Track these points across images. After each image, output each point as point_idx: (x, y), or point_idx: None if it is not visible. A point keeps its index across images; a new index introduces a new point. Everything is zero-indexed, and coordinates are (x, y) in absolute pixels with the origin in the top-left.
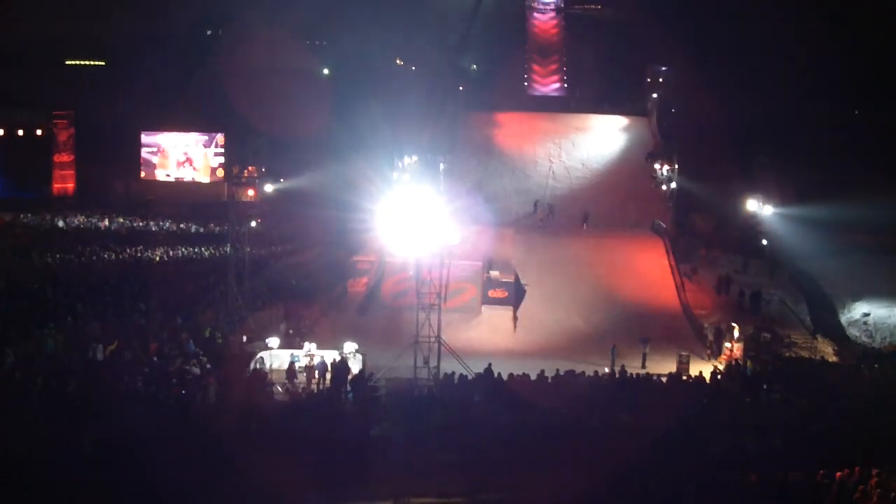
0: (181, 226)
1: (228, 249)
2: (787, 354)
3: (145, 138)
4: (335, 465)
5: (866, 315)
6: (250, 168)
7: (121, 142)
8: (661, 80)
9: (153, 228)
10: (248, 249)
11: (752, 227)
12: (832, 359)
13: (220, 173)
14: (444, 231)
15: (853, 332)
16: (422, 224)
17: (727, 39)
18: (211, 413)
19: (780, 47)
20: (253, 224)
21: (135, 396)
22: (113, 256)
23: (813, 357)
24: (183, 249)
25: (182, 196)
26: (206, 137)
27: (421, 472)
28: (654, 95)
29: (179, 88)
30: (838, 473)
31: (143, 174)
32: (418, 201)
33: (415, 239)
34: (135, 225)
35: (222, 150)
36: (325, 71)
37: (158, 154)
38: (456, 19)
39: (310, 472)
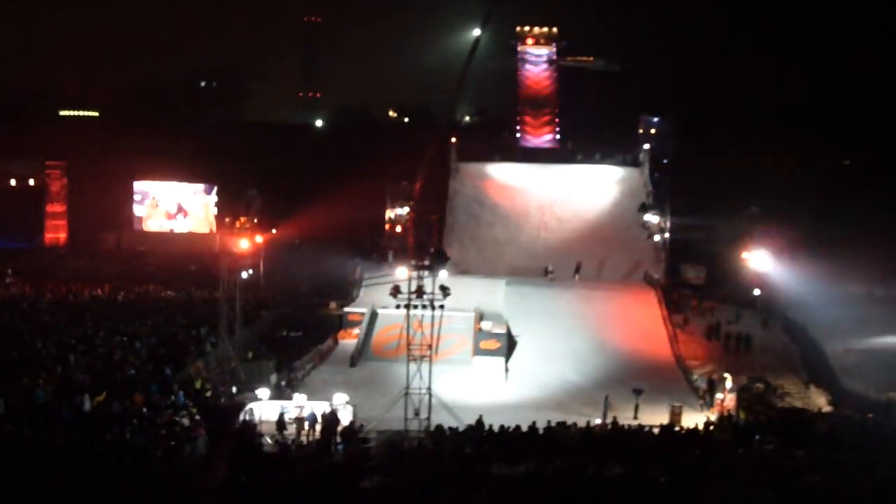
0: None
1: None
2: (781, 405)
3: (135, 186)
4: None
5: (858, 364)
6: (242, 219)
7: (114, 192)
8: (653, 130)
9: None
10: (239, 301)
11: (744, 277)
12: (826, 409)
13: None
14: (435, 281)
15: (847, 381)
16: (413, 275)
17: (719, 91)
18: (200, 464)
19: (773, 98)
20: (244, 275)
21: (122, 447)
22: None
23: (807, 407)
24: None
25: (174, 247)
26: (204, 186)
27: None
28: (646, 146)
29: (172, 139)
30: None
31: (135, 226)
32: (411, 252)
33: (406, 290)
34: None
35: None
36: (319, 122)
37: (146, 204)
38: (448, 70)
39: None
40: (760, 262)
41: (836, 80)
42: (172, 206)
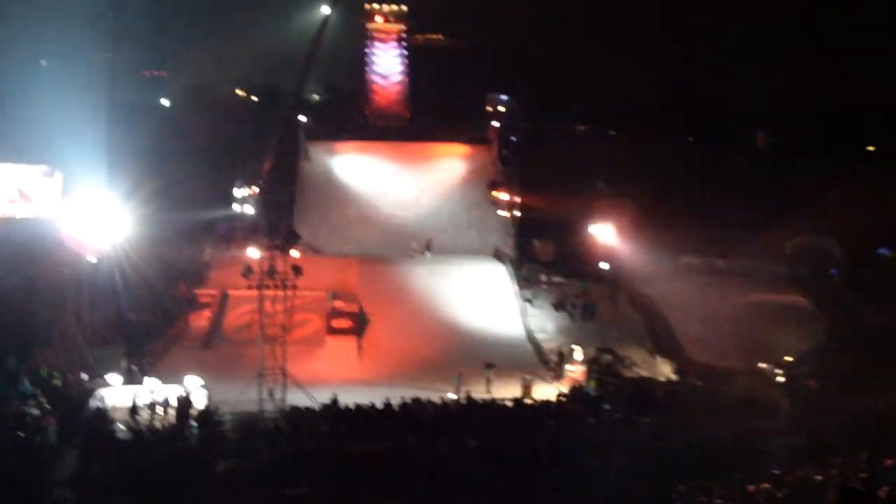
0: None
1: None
2: (629, 375)
3: None
4: (181, 502)
5: (700, 334)
6: (89, 201)
7: None
8: (501, 108)
9: None
10: (88, 285)
11: (591, 252)
12: (672, 377)
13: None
14: (286, 261)
15: (691, 350)
16: (264, 255)
17: (566, 69)
18: (51, 454)
19: (617, 77)
20: (92, 259)
21: None
22: None
23: (654, 377)
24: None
25: (15, 233)
26: (46, 168)
27: None
28: (495, 123)
29: (12, 120)
30: (682, 487)
31: None
32: (260, 232)
33: (256, 270)
34: None
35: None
36: (166, 102)
37: None
38: (296, 49)
39: None
40: (607, 236)
41: (680, 63)
42: (13, 192)
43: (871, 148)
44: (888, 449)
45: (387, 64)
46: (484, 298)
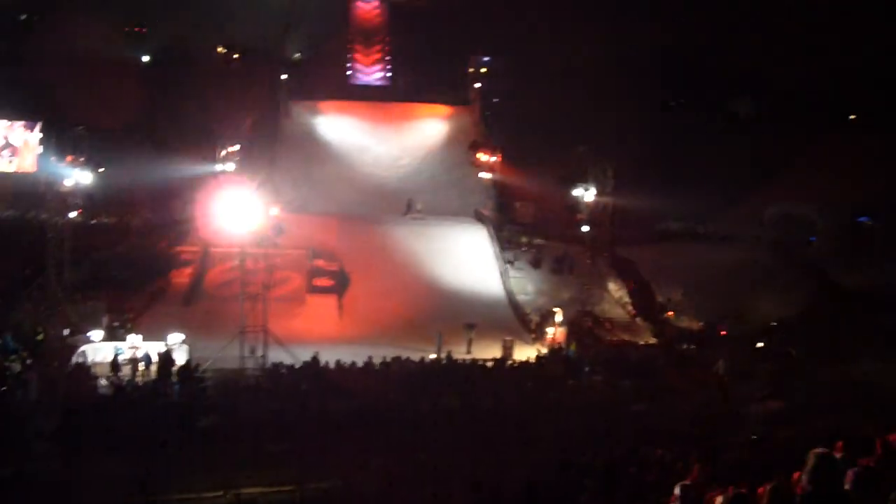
0: None
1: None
2: (609, 338)
3: None
4: (162, 457)
5: (680, 299)
6: (69, 157)
7: None
8: (484, 69)
9: None
10: (69, 240)
11: (572, 214)
12: (651, 340)
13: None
14: (267, 220)
15: (670, 314)
16: (245, 213)
17: (549, 31)
18: (33, 409)
19: (599, 43)
20: (73, 214)
21: None
22: None
23: (633, 340)
24: None
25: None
26: (25, 122)
27: (250, 463)
28: (477, 85)
29: None
30: (658, 451)
31: None
32: (241, 190)
33: (238, 228)
34: None
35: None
36: (146, 58)
37: None
38: (280, 7)
39: (136, 466)
40: (588, 199)
41: (663, 27)
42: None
43: (852, 116)
44: (864, 417)
45: (368, 22)
46: (465, 259)
